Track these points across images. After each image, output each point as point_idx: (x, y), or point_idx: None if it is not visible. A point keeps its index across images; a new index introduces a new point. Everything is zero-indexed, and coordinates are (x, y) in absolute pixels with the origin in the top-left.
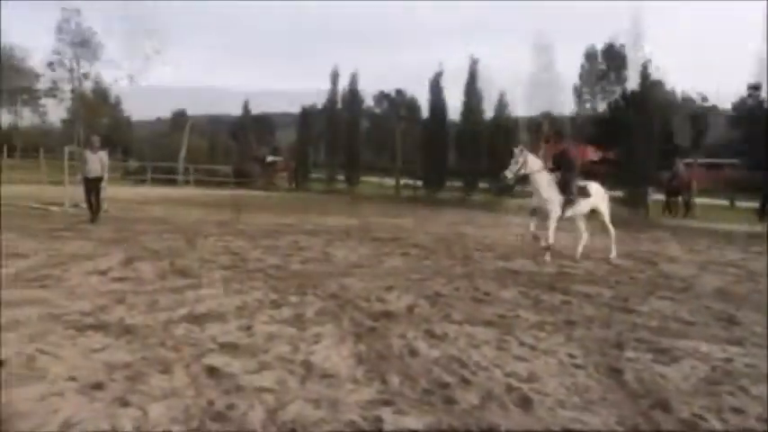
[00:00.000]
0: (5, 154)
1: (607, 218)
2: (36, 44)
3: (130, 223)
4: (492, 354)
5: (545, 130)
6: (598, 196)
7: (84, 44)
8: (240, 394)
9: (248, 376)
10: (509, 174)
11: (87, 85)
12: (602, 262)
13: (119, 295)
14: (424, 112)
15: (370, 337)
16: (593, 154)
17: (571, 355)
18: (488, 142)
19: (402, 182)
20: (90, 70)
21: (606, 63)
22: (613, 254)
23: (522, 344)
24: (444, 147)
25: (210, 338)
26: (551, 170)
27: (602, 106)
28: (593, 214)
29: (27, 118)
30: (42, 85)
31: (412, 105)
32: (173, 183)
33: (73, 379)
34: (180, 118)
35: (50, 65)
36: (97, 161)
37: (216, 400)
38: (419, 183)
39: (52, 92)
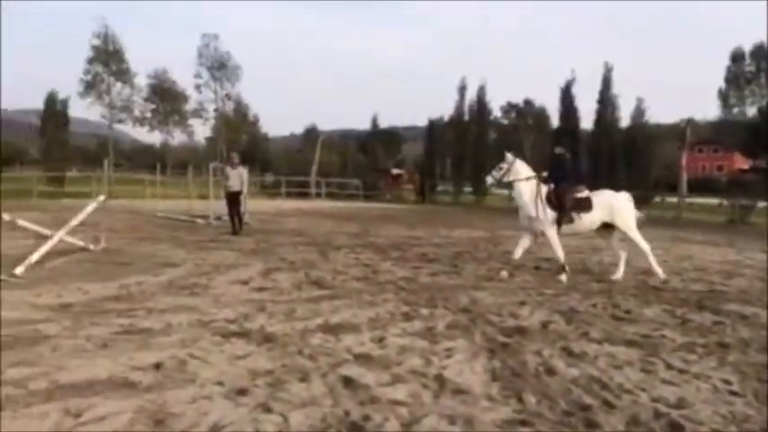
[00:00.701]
0: (159, 171)
1: (631, 232)
2: (184, 69)
3: (268, 235)
4: (636, 376)
5: (687, 137)
6: (607, 209)
7: (221, 67)
8: (375, 406)
9: (382, 388)
10: (490, 179)
11: (229, 105)
12: (754, 280)
13: (259, 304)
14: (554, 121)
15: (504, 353)
16: (741, 162)
17: (726, 381)
18: (624, 151)
19: None
20: (231, 91)
21: (755, 64)
22: (657, 271)
23: (669, 366)
24: (576, 157)
25: (345, 349)
26: (544, 180)
27: (751, 111)
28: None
29: (177, 137)
30: (190, 106)
31: (541, 115)
32: (305, 196)
33: (220, 384)
34: (312, 133)
35: (197, 87)
36: (237, 176)
37: (352, 411)
38: None
39: (198, 112)
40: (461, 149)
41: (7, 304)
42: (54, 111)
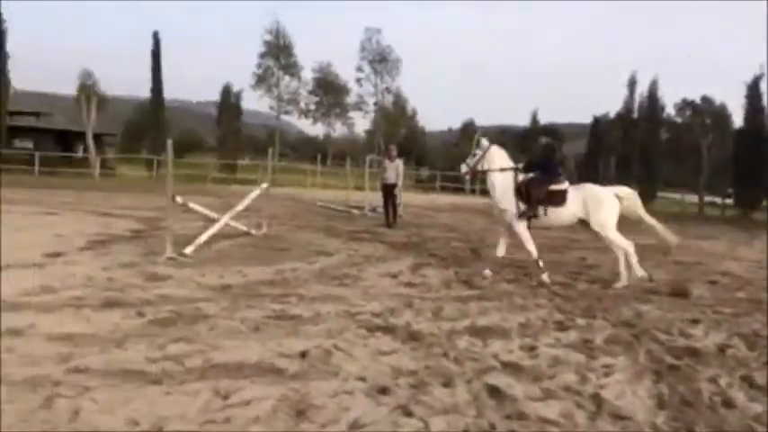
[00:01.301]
0: (319, 161)
1: (604, 230)
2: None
3: (420, 229)
4: None
5: None
6: (581, 204)
7: (382, 61)
8: (523, 422)
9: (531, 403)
10: (464, 168)
11: (389, 99)
12: None
13: (407, 299)
14: (737, 120)
15: (673, 378)
16: None
17: None
18: None
19: (706, 199)
20: (391, 85)
21: None
22: (639, 273)
23: None
24: (763, 161)
25: (492, 355)
26: (525, 170)
27: None
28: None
29: (338, 129)
30: (351, 99)
31: (721, 113)
32: (460, 191)
33: (362, 379)
34: (469, 128)
35: (358, 81)
36: (393, 169)
37: (497, 425)
38: (728, 201)
39: (358, 105)
40: (628, 148)
41: (175, 281)
42: (229, 103)
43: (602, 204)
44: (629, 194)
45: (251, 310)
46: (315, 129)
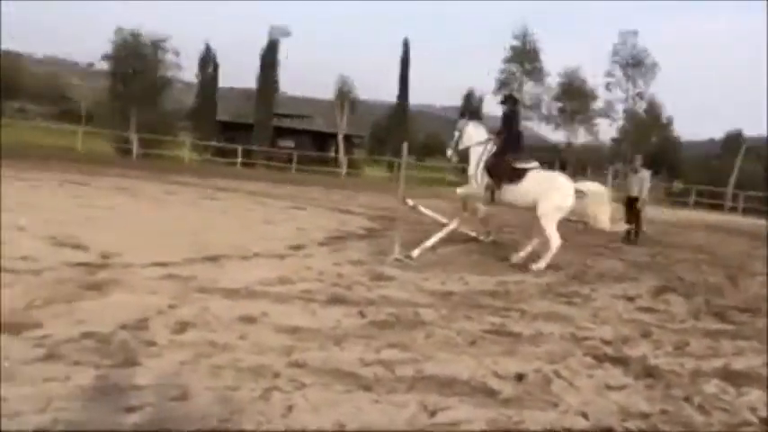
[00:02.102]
0: (559, 169)
1: (544, 219)
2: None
3: (667, 248)
4: None
5: None
6: (537, 186)
7: (636, 65)
8: None
9: None
10: (449, 152)
11: (641, 106)
12: None
13: (644, 328)
14: None
15: None
16: None
17: None
18: None
19: None
20: (644, 90)
21: None
22: (542, 265)
23: None
24: None
25: (749, 407)
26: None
27: None
28: None
29: (581, 136)
30: (597, 105)
31: None
32: (717, 208)
33: (583, 416)
34: (733, 139)
35: (607, 86)
36: (638, 181)
37: None
38: None
39: (606, 112)
40: None
41: (398, 283)
42: (471, 107)
43: (555, 193)
44: (596, 192)
45: (469, 321)
46: (556, 135)
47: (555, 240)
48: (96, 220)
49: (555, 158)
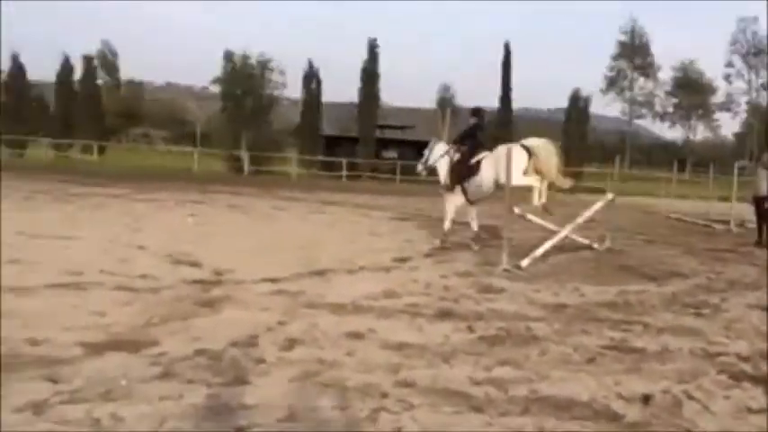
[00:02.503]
0: (676, 168)
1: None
2: (714, 58)
3: None
4: None
5: None
6: (493, 167)
7: (758, 54)
8: None
9: None
10: (419, 166)
11: (765, 97)
12: None
13: None
14: None
15: None
16: None
17: None
18: None
19: None
20: None
21: None
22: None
23: None
24: None
25: None
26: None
27: None
28: None
29: (700, 132)
30: (717, 98)
31: None
32: None
33: None
34: None
35: (727, 78)
36: (766, 178)
37: None
38: None
39: (726, 105)
40: None
41: (508, 295)
42: (577, 108)
43: (509, 160)
44: (539, 145)
45: (586, 336)
46: (672, 133)
47: (531, 181)
48: (210, 238)
49: (672, 158)
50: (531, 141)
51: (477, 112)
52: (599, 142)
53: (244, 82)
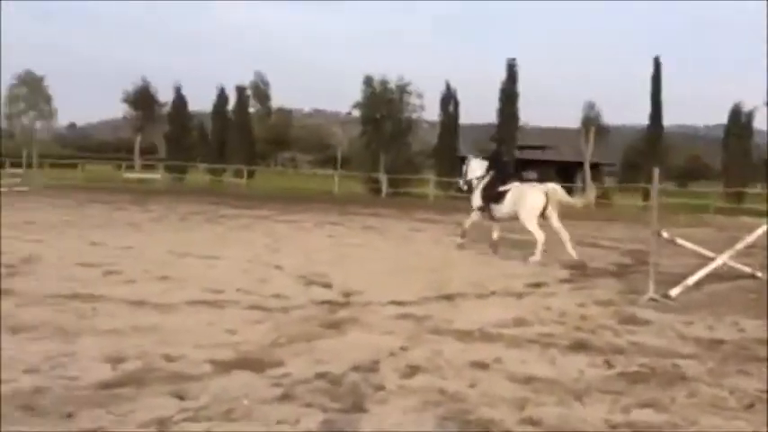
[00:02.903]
0: None
1: (526, 222)
2: None
3: None
4: None
5: None
6: (512, 203)
7: None
8: None
9: None
10: (460, 181)
11: None
12: None
13: None
14: None
15: None
16: None
17: None
18: None
19: None
20: None
21: None
22: (537, 257)
23: None
24: None
25: None
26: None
27: None
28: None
29: None
30: None
31: None
32: None
33: None
34: None
35: None
36: None
37: None
38: None
39: None
40: None
41: (654, 328)
42: (738, 123)
43: (526, 202)
44: (552, 189)
45: (745, 378)
46: None
47: (538, 236)
48: (344, 258)
49: None
50: (548, 186)
51: (495, 153)
52: (763, 160)
53: (383, 106)
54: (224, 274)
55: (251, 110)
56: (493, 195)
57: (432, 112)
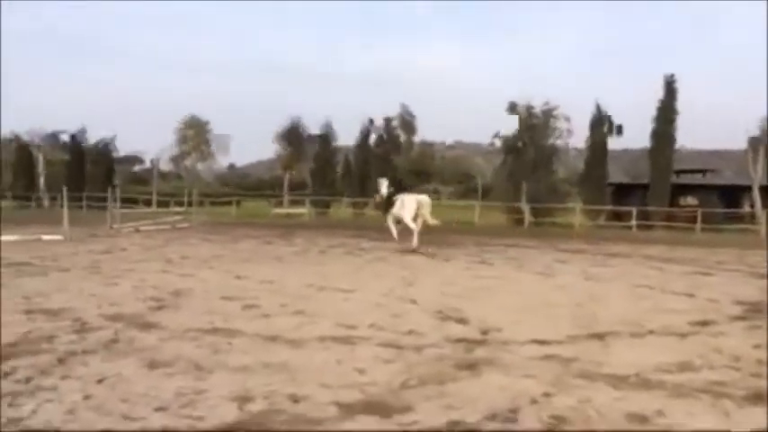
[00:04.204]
0: None
1: (405, 219)
2: None
3: None
4: None
5: None
6: (399, 207)
7: None
8: None
9: None
10: (377, 196)
11: None
12: None
13: None
14: None
15: None
16: None
17: None
18: None
19: None
20: None
21: None
22: (414, 243)
23: None
24: None
25: None
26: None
27: None
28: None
29: None
30: None
31: None
32: None
33: None
34: None
35: None
36: None
37: None
38: None
39: None
40: None
41: None
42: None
43: (405, 206)
44: (423, 200)
45: None
46: None
47: (413, 227)
48: (482, 292)
49: None
50: (420, 197)
51: (399, 181)
52: None
53: (525, 133)
54: (358, 308)
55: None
56: (390, 203)
57: (581, 138)
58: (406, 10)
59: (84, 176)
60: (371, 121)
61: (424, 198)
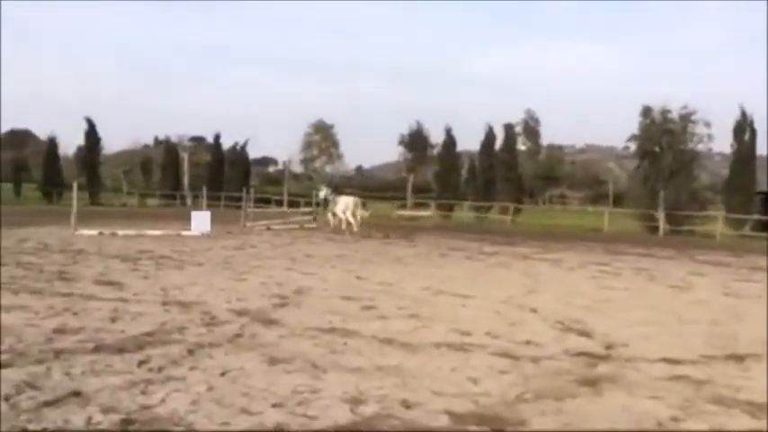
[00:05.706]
0: None
1: (340, 214)
2: None
3: None
4: None
5: None
6: (336, 204)
7: None
8: None
9: None
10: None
11: None
12: None
13: None
14: None
15: None
16: None
17: None
18: None
19: None
20: None
21: None
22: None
23: None
24: None
25: None
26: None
27: None
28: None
29: None
30: None
31: None
32: None
33: None
34: None
35: None
36: None
37: None
38: None
39: None
40: None
41: None
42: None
43: (339, 203)
44: (351, 201)
45: None
46: None
47: (353, 221)
48: (608, 304)
49: None
50: (348, 199)
51: (336, 188)
52: None
53: (662, 137)
54: (475, 314)
55: (522, 147)
56: (327, 202)
57: (724, 143)
58: (539, 11)
59: (222, 177)
60: (492, 127)
61: (352, 198)
